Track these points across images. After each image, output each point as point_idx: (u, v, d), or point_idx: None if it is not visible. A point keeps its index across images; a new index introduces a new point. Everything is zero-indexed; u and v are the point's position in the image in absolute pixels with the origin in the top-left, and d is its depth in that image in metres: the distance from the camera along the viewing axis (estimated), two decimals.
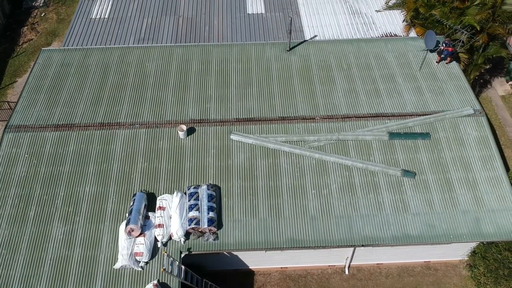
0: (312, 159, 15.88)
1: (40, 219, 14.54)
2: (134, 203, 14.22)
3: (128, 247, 13.66)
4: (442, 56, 18.49)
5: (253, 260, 16.53)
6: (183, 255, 14.12)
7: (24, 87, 18.08)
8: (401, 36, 20.61)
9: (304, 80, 18.15)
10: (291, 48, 19.40)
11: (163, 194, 14.81)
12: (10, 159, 15.77)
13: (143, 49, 19.52)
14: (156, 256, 13.98)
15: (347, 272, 17.03)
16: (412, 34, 20.58)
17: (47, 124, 16.68)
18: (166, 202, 14.49)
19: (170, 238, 14.22)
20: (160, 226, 14.05)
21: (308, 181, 15.44)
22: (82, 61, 19.01)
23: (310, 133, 16.50)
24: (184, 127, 16.11)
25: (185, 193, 14.83)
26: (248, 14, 21.88)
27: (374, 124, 16.71)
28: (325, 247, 14.60)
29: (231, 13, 21.87)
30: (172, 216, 14.23)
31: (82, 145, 16.16)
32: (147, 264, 13.85)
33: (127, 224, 13.69)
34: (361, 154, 15.99)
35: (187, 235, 14.29)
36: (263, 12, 21.95)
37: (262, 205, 15.00)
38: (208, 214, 14.18)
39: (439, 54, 18.54)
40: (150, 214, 14.36)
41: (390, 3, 21.79)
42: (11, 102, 21.59)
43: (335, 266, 17.14)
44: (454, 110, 17.04)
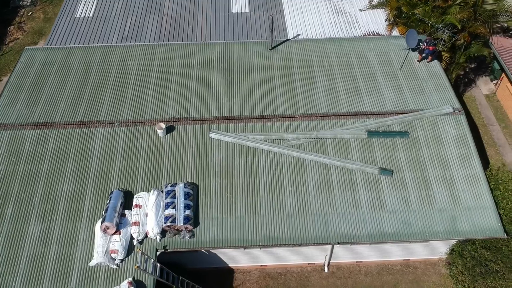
0: (290, 157, 15.92)
1: (17, 217, 14.56)
2: (110, 201, 14.27)
3: (103, 245, 13.69)
4: (424, 55, 18.54)
5: (232, 258, 16.57)
6: (158, 253, 14.15)
7: (5, 85, 18.11)
8: (384, 35, 20.65)
9: (285, 79, 18.19)
10: (274, 47, 19.43)
11: (140, 192, 14.84)
12: None
13: (125, 47, 19.54)
14: (132, 254, 14.01)
15: (326, 270, 17.08)
16: (395, 33, 20.63)
17: (27, 122, 16.70)
18: (143, 200, 14.52)
19: (146, 236, 14.26)
20: (136, 224, 14.09)
21: (285, 179, 15.48)
22: (65, 59, 19.03)
23: (289, 131, 16.54)
24: (163, 125, 16.15)
25: (162, 191, 14.86)
26: (232, 13, 21.89)
27: (353, 123, 16.76)
28: (301, 245, 14.65)
29: (215, 12, 21.90)
30: (148, 214, 14.27)
31: (61, 143, 16.19)
32: (123, 261, 13.89)
33: (103, 221, 13.73)
34: (339, 152, 16.03)
35: (163, 233, 14.33)
36: (247, 11, 21.97)
37: (239, 203, 15.04)
38: (185, 212, 14.22)
39: (421, 53, 18.59)
40: (127, 212, 14.41)
41: (374, 2, 21.85)
42: None
43: (314, 264, 17.20)
44: (434, 108, 17.09)
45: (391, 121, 16.72)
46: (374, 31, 20.88)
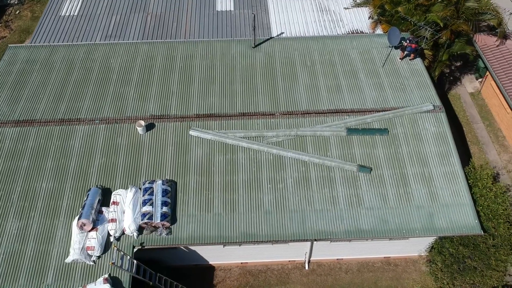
0: (270, 154, 15.95)
1: None
2: (87, 198, 14.29)
3: (80, 241, 13.72)
4: (406, 52, 18.58)
5: (212, 256, 16.61)
6: (135, 250, 14.17)
7: None
8: (367, 33, 20.68)
9: (267, 77, 18.22)
10: (257, 45, 19.46)
11: (117, 190, 14.87)
12: None
13: (109, 46, 19.57)
14: (109, 251, 14.04)
15: (307, 267, 17.11)
16: (379, 31, 20.67)
17: (8, 120, 16.73)
18: (120, 197, 14.55)
19: (123, 232, 14.29)
20: (113, 220, 14.12)
21: (264, 176, 15.51)
22: (48, 57, 19.06)
23: (269, 129, 16.57)
24: (143, 123, 16.18)
25: (140, 188, 14.89)
26: (217, 11, 21.91)
27: (334, 120, 16.79)
28: (278, 242, 14.68)
29: (200, 10, 21.92)
30: (125, 211, 14.30)
31: (41, 140, 16.21)
32: (100, 258, 13.92)
33: (79, 218, 13.76)
34: (318, 150, 16.06)
35: (140, 229, 14.36)
36: (232, 9, 22.00)
37: (218, 200, 15.07)
38: (162, 209, 14.25)
39: (403, 50, 18.63)
40: (104, 209, 14.43)
41: (358, 0, 21.87)
42: None
43: (295, 261, 17.23)
44: (414, 106, 17.12)
45: (371, 118, 16.76)
46: (358, 29, 20.91)
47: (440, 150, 16.16)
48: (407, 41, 18.24)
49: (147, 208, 14.24)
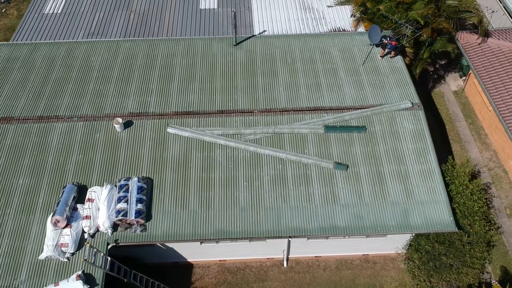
0: (247, 151, 15.97)
1: None
2: (62, 195, 14.31)
3: (54, 238, 13.74)
4: (387, 50, 18.60)
5: (190, 253, 16.61)
6: (109, 247, 14.19)
7: None
8: (349, 31, 20.69)
9: (247, 74, 18.23)
10: (238, 43, 19.47)
11: (93, 187, 14.88)
12: None
13: (90, 43, 19.58)
14: (82, 248, 14.04)
15: (285, 264, 17.13)
16: (361, 29, 20.69)
17: None
18: (95, 194, 14.56)
19: (97, 229, 14.30)
20: (87, 217, 14.13)
21: (241, 173, 15.53)
22: (29, 55, 19.05)
23: (247, 126, 16.58)
24: (120, 120, 16.19)
25: (116, 185, 14.90)
26: (201, 9, 21.93)
27: (312, 118, 16.80)
28: (253, 238, 14.70)
29: (184, 7, 21.92)
30: (100, 208, 14.31)
31: (19, 138, 16.22)
32: (73, 255, 13.93)
33: (53, 215, 13.77)
34: (295, 147, 16.08)
35: (115, 226, 14.37)
36: (216, 7, 22.01)
37: (193, 197, 15.08)
38: (137, 206, 14.27)
39: (384, 48, 18.65)
40: (79, 206, 14.44)
41: None
42: None
43: (273, 258, 17.24)
44: (392, 103, 17.14)
45: (349, 116, 16.78)
46: (340, 27, 20.92)
47: (417, 148, 16.18)
48: (388, 38, 18.26)
49: (121, 205, 14.25)
